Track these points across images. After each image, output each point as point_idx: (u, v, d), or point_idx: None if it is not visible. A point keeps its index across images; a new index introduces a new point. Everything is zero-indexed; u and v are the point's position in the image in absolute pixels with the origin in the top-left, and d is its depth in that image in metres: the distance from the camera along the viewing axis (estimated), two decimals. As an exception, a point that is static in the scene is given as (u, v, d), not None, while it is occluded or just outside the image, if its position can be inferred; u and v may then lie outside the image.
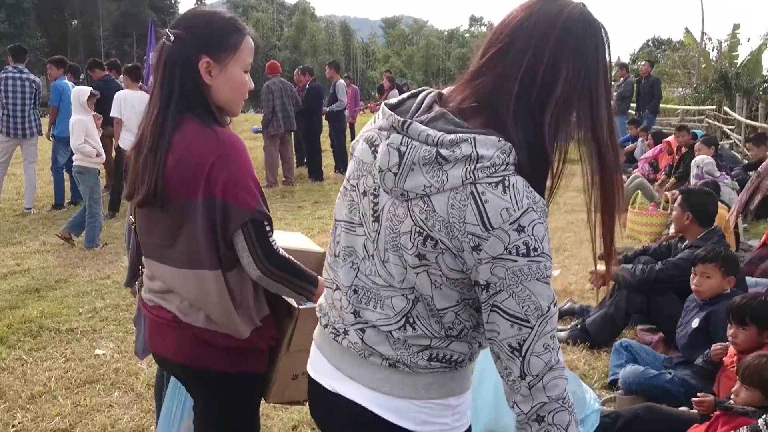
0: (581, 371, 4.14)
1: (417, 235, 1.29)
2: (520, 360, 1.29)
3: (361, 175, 1.41)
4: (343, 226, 1.46)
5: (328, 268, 1.53)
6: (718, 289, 3.77)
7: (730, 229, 6.02)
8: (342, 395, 1.47)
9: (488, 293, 1.28)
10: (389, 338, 1.40)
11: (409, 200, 1.30)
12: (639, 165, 10.87)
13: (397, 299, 1.37)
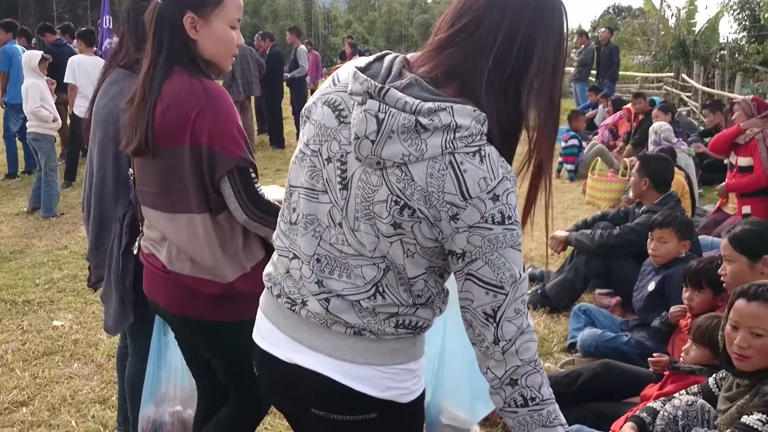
0: (541, 335, 4.21)
1: (393, 204, 1.28)
2: (494, 326, 1.32)
3: (324, 140, 1.38)
4: (303, 193, 1.43)
5: (282, 235, 1.49)
6: (673, 254, 3.85)
7: (686, 194, 6.14)
8: (302, 366, 1.44)
9: (464, 261, 1.30)
10: (355, 307, 1.39)
11: (385, 168, 1.28)
12: (599, 132, 10.98)
13: (368, 268, 1.36)
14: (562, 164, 9.88)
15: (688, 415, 2.38)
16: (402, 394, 1.45)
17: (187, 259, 2.02)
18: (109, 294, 2.61)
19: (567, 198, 8.51)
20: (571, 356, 3.92)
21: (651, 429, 2.46)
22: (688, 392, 2.54)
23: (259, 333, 1.56)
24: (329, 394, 1.43)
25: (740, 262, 2.98)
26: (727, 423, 2.21)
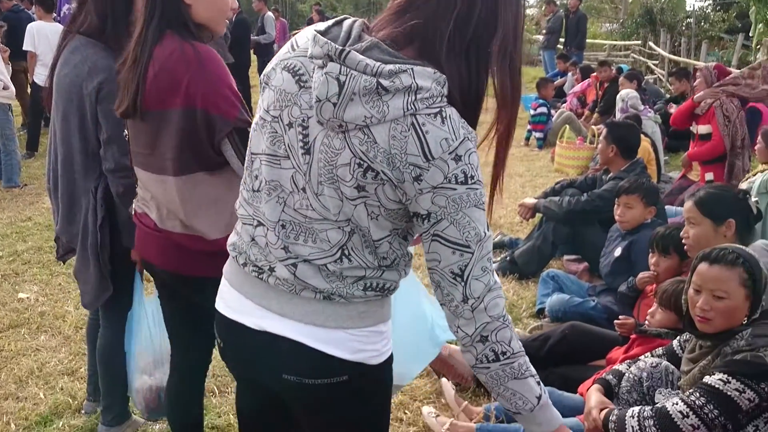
0: (510, 301, 4.26)
1: (357, 167, 1.29)
2: (462, 285, 1.34)
3: (285, 105, 1.37)
4: (265, 160, 1.42)
5: (245, 203, 1.49)
6: (639, 219, 3.90)
7: (652, 161, 6.22)
8: (271, 332, 1.45)
9: (429, 223, 1.31)
10: (323, 271, 1.40)
11: (347, 131, 1.28)
12: (567, 100, 11.04)
13: (333, 232, 1.37)
14: (531, 132, 9.93)
15: (652, 377, 2.43)
16: (372, 356, 1.47)
17: (176, 218, 2.07)
18: (84, 269, 2.57)
19: (536, 166, 8.57)
20: (540, 321, 3.98)
21: (617, 391, 2.51)
22: (653, 354, 2.59)
23: (225, 302, 1.56)
24: (300, 359, 1.44)
25: (704, 225, 3.01)
26: (690, 383, 2.27)
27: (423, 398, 3.15)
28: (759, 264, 2.22)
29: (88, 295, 2.62)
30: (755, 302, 2.20)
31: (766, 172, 4.66)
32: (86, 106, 2.44)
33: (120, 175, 2.43)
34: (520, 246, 4.91)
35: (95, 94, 2.42)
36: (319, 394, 1.47)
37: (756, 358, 2.08)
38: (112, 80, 2.42)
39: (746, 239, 2.96)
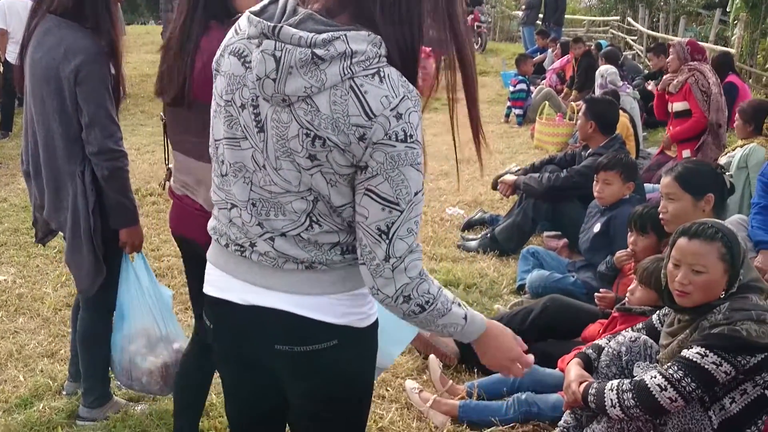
0: (491, 278, 4.29)
1: (305, 137, 1.33)
2: (387, 243, 1.38)
3: (236, 88, 1.41)
4: (226, 144, 1.46)
5: (217, 190, 1.53)
6: (618, 195, 3.93)
7: (630, 136, 6.25)
8: (260, 306, 1.49)
9: (365, 175, 1.35)
10: (299, 242, 1.44)
11: (291, 104, 1.33)
12: (547, 76, 11.04)
13: (298, 202, 1.41)
14: (511, 109, 9.93)
15: (631, 351, 2.46)
16: (359, 319, 1.51)
17: None
18: (77, 254, 2.55)
19: (515, 142, 8.58)
20: (520, 298, 4.01)
21: (596, 365, 2.54)
22: (633, 329, 2.62)
23: (211, 284, 1.59)
24: (291, 328, 1.48)
25: (684, 200, 3.03)
26: (668, 357, 2.30)
27: (406, 375, 3.17)
28: (737, 238, 2.25)
29: (83, 281, 2.60)
30: (733, 276, 2.23)
31: (746, 147, 4.72)
32: (65, 89, 2.40)
33: (104, 158, 2.41)
34: (501, 223, 4.93)
35: (74, 77, 2.38)
36: (311, 361, 1.50)
37: (733, 331, 2.11)
38: (90, 62, 2.38)
39: (721, 213, 3.00)
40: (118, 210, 2.51)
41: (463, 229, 5.31)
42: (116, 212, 2.52)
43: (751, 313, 2.14)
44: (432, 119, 10.47)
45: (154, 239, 4.90)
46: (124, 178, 2.50)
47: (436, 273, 4.30)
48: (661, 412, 2.19)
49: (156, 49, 14.60)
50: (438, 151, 8.05)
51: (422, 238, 5.02)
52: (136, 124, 8.99)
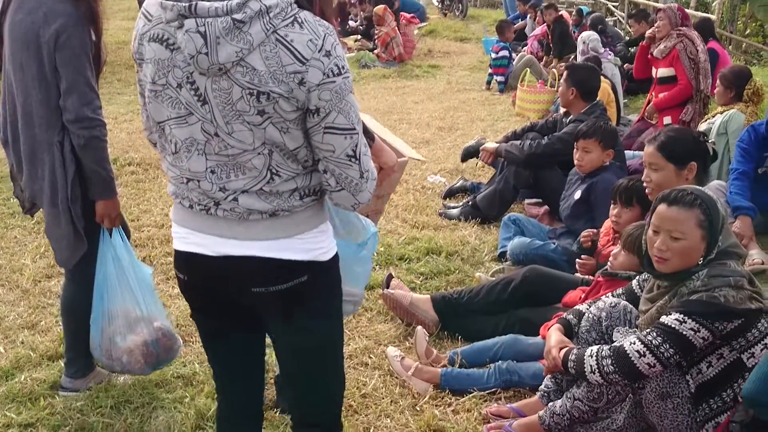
0: (472, 246, 4.31)
1: (249, 96, 1.48)
2: (357, 163, 1.59)
3: (166, 71, 1.52)
4: (173, 124, 1.57)
5: (171, 167, 1.64)
6: (597, 163, 3.93)
7: (611, 103, 6.25)
8: (232, 255, 1.63)
9: (319, 116, 1.52)
10: (261, 195, 1.58)
11: (227, 71, 1.46)
12: (528, 43, 10.97)
13: (256, 159, 1.55)
14: (492, 76, 9.88)
15: (611, 317, 2.49)
16: (322, 253, 1.69)
17: None
18: (56, 227, 2.52)
19: (497, 110, 8.56)
20: (502, 265, 4.03)
21: (576, 330, 2.57)
22: (613, 295, 2.64)
23: (179, 240, 1.70)
24: (264, 271, 1.63)
25: (668, 169, 3.04)
26: (647, 323, 2.33)
27: (388, 342, 3.19)
28: (717, 206, 2.26)
29: (62, 253, 2.57)
30: (711, 243, 2.25)
31: (726, 113, 4.74)
32: (44, 54, 2.35)
33: (81, 126, 2.37)
34: (482, 191, 4.94)
35: (53, 41, 2.33)
36: (286, 298, 1.66)
37: (711, 298, 2.14)
38: (70, 26, 2.33)
39: (703, 180, 3.02)
40: (94, 181, 2.47)
41: (445, 197, 5.31)
42: (92, 183, 2.48)
43: (729, 279, 2.17)
44: (413, 86, 10.50)
45: (133, 209, 4.85)
46: (101, 148, 2.44)
47: (418, 241, 4.31)
48: (640, 377, 2.22)
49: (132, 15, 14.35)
50: (419, 119, 8.05)
51: (404, 207, 5.02)
52: (113, 93, 8.85)
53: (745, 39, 11.40)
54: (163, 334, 2.71)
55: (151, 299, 2.70)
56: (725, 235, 2.28)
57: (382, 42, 11.95)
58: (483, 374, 2.85)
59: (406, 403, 2.75)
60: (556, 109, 7.08)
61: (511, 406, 2.67)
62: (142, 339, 2.66)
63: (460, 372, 2.88)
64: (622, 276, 2.88)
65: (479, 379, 2.83)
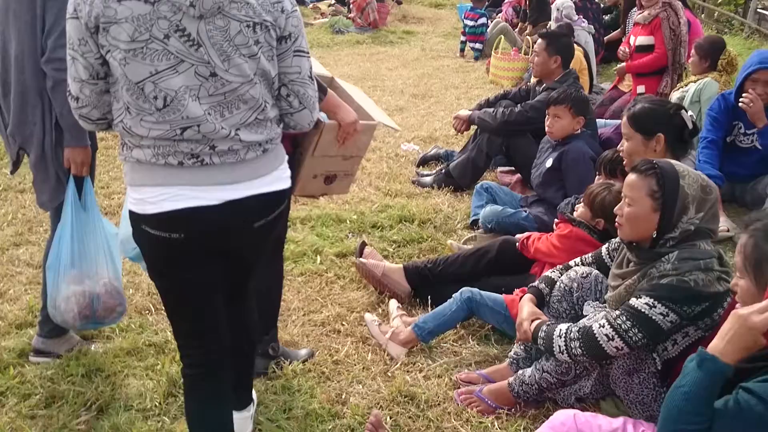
0: (445, 213, 4.32)
1: (247, 28, 1.68)
2: (312, 81, 1.89)
3: (150, 26, 1.60)
4: (162, 75, 1.65)
5: (155, 125, 1.69)
6: (568, 129, 3.94)
7: (584, 71, 6.25)
8: (233, 199, 1.78)
9: (291, 41, 1.80)
10: (257, 125, 1.79)
11: (222, 9, 1.64)
12: (503, 9, 10.91)
13: (253, 89, 1.75)
14: (465, 43, 9.84)
15: (582, 287, 2.52)
16: (288, 178, 1.95)
17: None
18: (43, 169, 2.56)
19: (471, 77, 8.54)
20: (474, 233, 4.05)
21: (548, 299, 2.60)
22: (584, 262, 2.68)
23: (172, 201, 1.75)
24: (263, 205, 1.86)
25: (635, 139, 3.07)
26: (616, 301, 2.34)
27: (361, 309, 3.21)
28: (681, 182, 2.21)
29: (45, 194, 2.61)
30: (666, 218, 2.22)
31: (699, 82, 4.78)
32: (37, 4, 2.39)
33: (52, 66, 2.38)
34: (455, 159, 4.94)
35: None
36: (275, 221, 1.92)
37: (681, 282, 2.13)
38: None
39: (679, 152, 3.04)
40: (62, 126, 2.47)
41: (418, 165, 5.31)
42: (62, 129, 2.48)
43: (700, 263, 2.15)
44: (387, 53, 10.43)
45: (103, 176, 4.79)
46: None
47: (391, 208, 4.32)
48: (607, 358, 2.25)
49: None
50: (393, 86, 8.01)
51: (377, 174, 5.01)
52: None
53: (717, 8, 11.44)
54: (107, 291, 2.63)
55: (108, 257, 2.64)
56: (711, 216, 2.23)
57: (357, 7, 11.81)
58: (448, 307, 2.92)
59: (377, 369, 2.78)
60: (529, 76, 7.08)
61: (481, 372, 2.71)
62: (83, 290, 2.58)
63: (427, 316, 2.94)
64: (575, 222, 3.06)
65: (446, 311, 2.91)
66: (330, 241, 3.89)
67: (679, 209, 2.21)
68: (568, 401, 2.46)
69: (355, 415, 2.50)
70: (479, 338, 3.00)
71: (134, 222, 1.83)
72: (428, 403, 2.58)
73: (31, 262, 3.58)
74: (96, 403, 2.56)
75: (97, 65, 1.69)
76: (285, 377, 2.70)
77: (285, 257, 3.60)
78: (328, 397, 2.60)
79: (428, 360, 2.85)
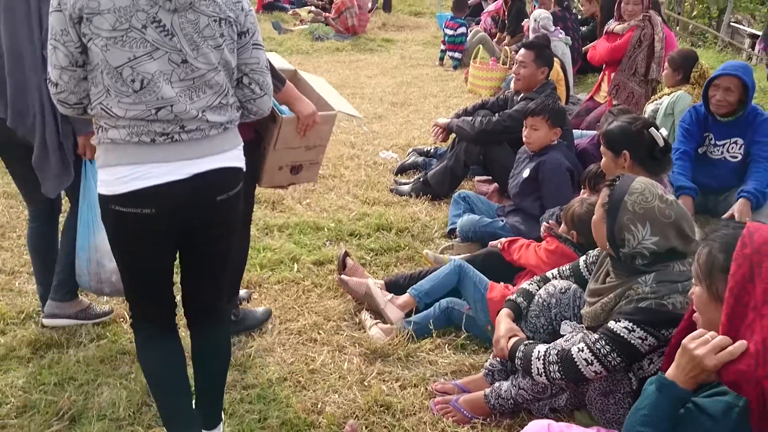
0: (423, 222, 4.34)
1: (214, 23, 1.92)
2: (268, 69, 2.14)
3: (129, 16, 1.81)
4: (140, 62, 1.84)
5: (131, 106, 1.87)
6: (545, 141, 3.98)
7: (561, 81, 6.30)
8: (200, 172, 1.96)
9: (250, 35, 2.04)
10: (221, 108, 2.00)
11: (193, 5, 1.87)
12: (481, 18, 10.99)
13: (218, 76, 1.96)
14: (445, 52, 9.89)
15: (560, 303, 2.54)
16: (243, 160, 2.13)
17: None
18: (44, 159, 2.65)
19: (449, 86, 8.59)
20: (451, 241, 4.07)
21: (525, 313, 2.61)
22: (562, 275, 2.69)
23: (142, 178, 1.90)
24: (225, 178, 2.04)
25: (607, 156, 3.21)
26: (591, 318, 2.35)
27: (337, 318, 3.21)
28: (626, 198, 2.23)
29: (50, 183, 2.70)
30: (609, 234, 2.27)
31: (672, 94, 4.84)
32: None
33: None
34: (433, 167, 4.96)
35: None
36: (234, 201, 2.09)
37: (660, 306, 2.14)
38: None
39: (653, 169, 3.08)
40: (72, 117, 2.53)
41: (397, 173, 5.32)
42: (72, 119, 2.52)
43: (677, 285, 2.16)
44: (366, 60, 10.44)
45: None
46: None
47: (369, 217, 4.32)
48: (586, 381, 2.27)
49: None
50: (372, 93, 8.03)
51: (355, 182, 5.02)
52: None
53: (691, 21, 11.64)
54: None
55: None
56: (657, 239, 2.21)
57: (336, 9, 11.83)
58: (441, 271, 3.23)
59: (354, 378, 2.78)
60: (507, 86, 7.13)
61: (456, 382, 2.72)
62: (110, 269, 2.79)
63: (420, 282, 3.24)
64: (561, 238, 3.12)
65: (439, 275, 3.22)
66: (307, 249, 3.89)
67: (620, 224, 2.23)
68: (542, 411, 2.48)
69: (331, 425, 2.49)
70: (455, 347, 3.02)
71: (103, 203, 1.98)
72: (404, 413, 2.59)
73: (2, 268, 3.53)
74: (68, 412, 2.53)
75: (76, 53, 1.86)
76: (260, 386, 2.69)
77: (262, 265, 3.62)
78: (304, 407, 2.59)
79: (404, 369, 2.85)
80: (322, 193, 4.79)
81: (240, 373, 2.79)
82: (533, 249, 3.22)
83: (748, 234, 1.62)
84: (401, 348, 2.95)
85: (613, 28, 6.00)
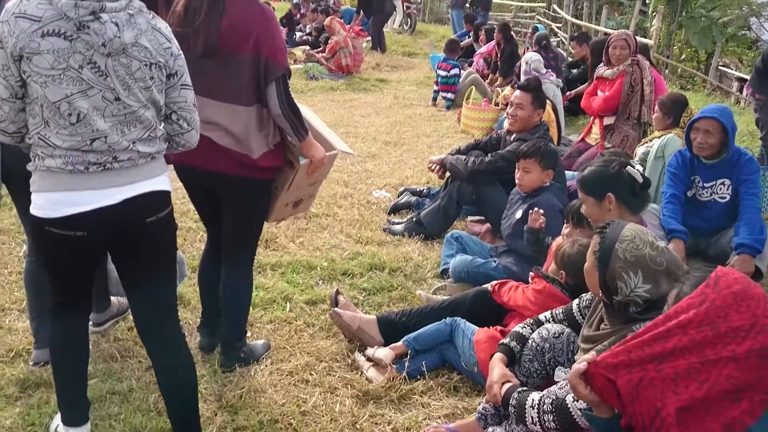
0: (415, 262, 4.34)
1: (145, 67, 2.09)
2: (195, 108, 2.31)
3: (67, 56, 1.97)
4: (75, 98, 2.00)
5: (68, 137, 2.03)
6: (537, 182, 4.02)
7: (552, 123, 6.37)
8: (131, 197, 2.13)
9: (178, 77, 2.21)
10: (150, 140, 2.17)
11: (126, 50, 2.03)
12: (474, 60, 11.15)
13: (147, 112, 2.14)
14: (438, 92, 10.01)
15: (554, 348, 2.53)
16: (169, 182, 2.27)
17: (234, 138, 2.73)
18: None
19: (443, 126, 8.67)
20: (444, 282, 4.07)
21: (519, 357, 2.60)
22: (555, 319, 2.69)
23: (75, 204, 2.07)
24: (154, 201, 2.21)
25: (589, 202, 3.20)
26: None
27: (329, 359, 3.19)
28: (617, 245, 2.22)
29: None
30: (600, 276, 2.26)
31: (663, 138, 4.91)
32: None
33: None
34: (426, 207, 4.98)
35: None
36: (163, 223, 2.24)
37: None
38: None
39: (635, 206, 3.11)
40: None
41: (390, 213, 5.34)
42: None
43: None
44: (360, 100, 10.54)
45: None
46: None
47: (362, 256, 4.33)
48: (580, 430, 2.26)
49: None
50: (366, 133, 8.09)
51: (348, 221, 5.03)
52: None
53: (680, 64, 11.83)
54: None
55: None
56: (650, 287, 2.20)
57: (330, 49, 11.99)
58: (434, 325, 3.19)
59: (345, 421, 2.75)
60: (499, 126, 7.21)
61: (449, 426, 2.69)
62: None
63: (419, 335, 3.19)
64: (549, 278, 3.10)
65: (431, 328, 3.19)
66: (300, 288, 3.88)
67: (612, 272, 2.22)
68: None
69: (322, 469, 2.46)
70: (448, 390, 3.00)
71: (38, 224, 2.13)
72: (396, 457, 2.56)
73: (-7, 305, 3.51)
74: (56, 454, 2.49)
75: (17, 87, 2.02)
76: (251, 428, 2.67)
77: (254, 304, 3.60)
78: (295, 450, 2.56)
79: (397, 412, 2.83)
80: (315, 232, 4.80)
81: (230, 414, 2.76)
82: (521, 290, 3.22)
83: (715, 277, 1.71)
84: (394, 390, 2.93)
85: (603, 73, 6.08)
